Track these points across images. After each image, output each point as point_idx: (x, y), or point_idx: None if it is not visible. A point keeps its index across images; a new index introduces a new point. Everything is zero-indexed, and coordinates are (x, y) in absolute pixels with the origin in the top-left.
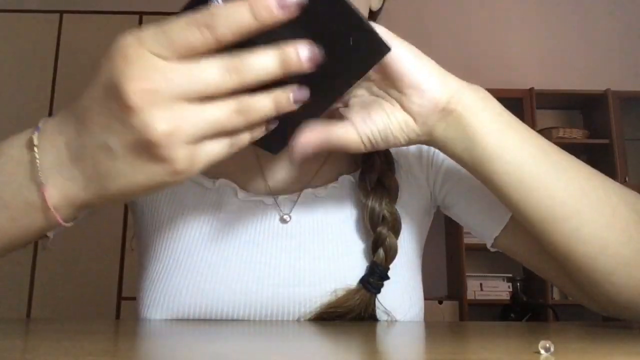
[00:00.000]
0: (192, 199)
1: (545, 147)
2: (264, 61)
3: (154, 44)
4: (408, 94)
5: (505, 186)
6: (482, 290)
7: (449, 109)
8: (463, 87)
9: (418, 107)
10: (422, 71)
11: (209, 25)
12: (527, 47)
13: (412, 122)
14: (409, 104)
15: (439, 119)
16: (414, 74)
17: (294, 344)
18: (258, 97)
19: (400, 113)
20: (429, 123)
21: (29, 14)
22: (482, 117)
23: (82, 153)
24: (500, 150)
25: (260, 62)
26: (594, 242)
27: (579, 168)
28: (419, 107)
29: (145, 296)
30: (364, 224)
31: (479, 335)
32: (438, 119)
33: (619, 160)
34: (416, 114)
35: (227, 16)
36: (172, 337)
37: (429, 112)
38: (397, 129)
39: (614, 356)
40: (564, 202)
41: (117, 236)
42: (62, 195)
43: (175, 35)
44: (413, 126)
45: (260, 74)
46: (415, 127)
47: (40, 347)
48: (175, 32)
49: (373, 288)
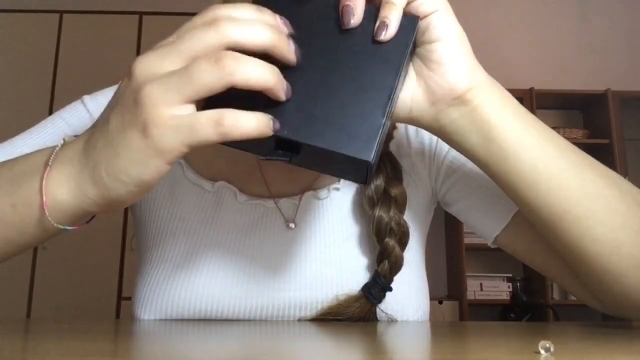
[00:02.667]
0: (191, 201)
1: (562, 146)
2: (253, 27)
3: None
4: (431, 68)
5: (519, 185)
6: (482, 290)
7: (465, 98)
8: (487, 82)
9: (435, 84)
10: (456, 52)
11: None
12: (527, 47)
13: (422, 98)
14: (427, 79)
15: (451, 105)
16: (447, 52)
17: (294, 344)
18: (244, 113)
19: (413, 83)
20: (438, 106)
21: (29, 14)
22: (502, 114)
23: (91, 135)
24: (518, 148)
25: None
26: (607, 242)
27: (595, 167)
28: (435, 84)
29: (141, 297)
30: (369, 233)
31: (479, 335)
32: (450, 105)
33: (619, 160)
34: (430, 92)
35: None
36: (172, 337)
37: (443, 95)
38: (404, 98)
39: (614, 356)
40: (579, 202)
41: (117, 236)
42: (63, 180)
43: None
44: (421, 102)
45: (245, 36)
46: (423, 104)
47: (40, 347)
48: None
49: (374, 298)
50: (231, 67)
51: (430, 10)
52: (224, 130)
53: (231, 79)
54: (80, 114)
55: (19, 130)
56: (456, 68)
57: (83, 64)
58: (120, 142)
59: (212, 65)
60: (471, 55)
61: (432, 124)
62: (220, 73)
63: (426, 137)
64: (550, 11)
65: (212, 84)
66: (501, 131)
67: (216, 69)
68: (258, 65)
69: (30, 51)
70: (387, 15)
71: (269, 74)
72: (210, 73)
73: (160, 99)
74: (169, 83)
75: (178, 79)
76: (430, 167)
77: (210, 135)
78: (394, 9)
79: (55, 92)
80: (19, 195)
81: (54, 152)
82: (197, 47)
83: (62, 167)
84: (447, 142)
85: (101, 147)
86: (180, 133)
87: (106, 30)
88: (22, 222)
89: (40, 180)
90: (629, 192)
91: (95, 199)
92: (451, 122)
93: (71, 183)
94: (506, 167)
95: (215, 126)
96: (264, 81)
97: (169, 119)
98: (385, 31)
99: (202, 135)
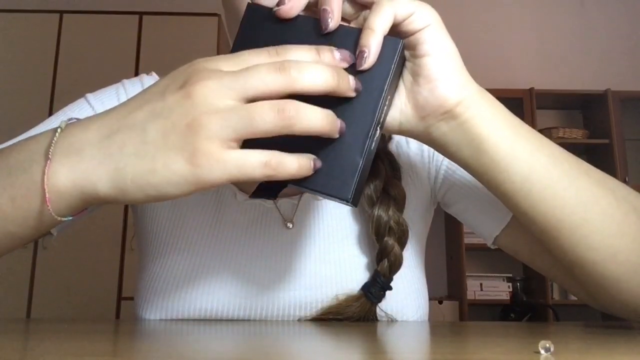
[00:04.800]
0: (191, 201)
1: (555, 154)
2: (316, 71)
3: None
4: (420, 84)
5: (512, 195)
6: (482, 290)
7: (454, 113)
8: (476, 95)
9: (423, 99)
10: (446, 67)
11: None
12: (527, 47)
13: (411, 113)
14: (416, 94)
15: (440, 120)
16: (437, 67)
17: (294, 344)
18: (287, 156)
19: (402, 98)
20: (428, 120)
21: (29, 14)
22: (493, 127)
23: (113, 133)
24: (510, 159)
25: (311, 71)
26: (603, 249)
27: (590, 174)
28: (424, 100)
29: (142, 297)
30: (369, 232)
31: (479, 335)
32: (439, 120)
33: (619, 160)
34: (419, 107)
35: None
36: (172, 337)
37: (432, 110)
38: (393, 113)
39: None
40: (574, 210)
41: (117, 236)
42: (67, 172)
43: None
44: (410, 117)
45: (309, 81)
46: (412, 118)
47: (40, 347)
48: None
49: (374, 297)
50: (293, 119)
51: (422, 26)
52: (270, 172)
53: (290, 129)
54: (84, 110)
55: (18, 130)
56: (445, 83)
57: (83, 64)
58: (160, 160)
59: (276, 114)
60: (462, 69)
61: (422, 136)
62: (283, 123)
63: None
64: (551, 11)
65: (271, 131)
66: (492, 144)
67: (279, 119)
68: (317, 114)
69: (30, 51)
70: (365, 44)
71: (325, 121)
72: (272, 121)
73: (217, 133)
74: (229, 120)
75: (238, 118)
76: (429, 168)
77: (256, 174)
78: (372, 36)
79: (55, 92)
80: (18, 188)
81: (53, 140)
82: (262, 89)
83: (66, 158)
84: (440, 153)
85: (131, 154)
86: (228, 170)
87: (106, 30)
88: (22, 215)
89: (41, 173)
90: (625, 198)
91: (106, 197)
92: (441, 136)
93: (77, 175)
94: (499, 178)
95: (262, 167)
96: (321, 127)
97: (220, 153)
98: (364, 61)
99: (249, 174)
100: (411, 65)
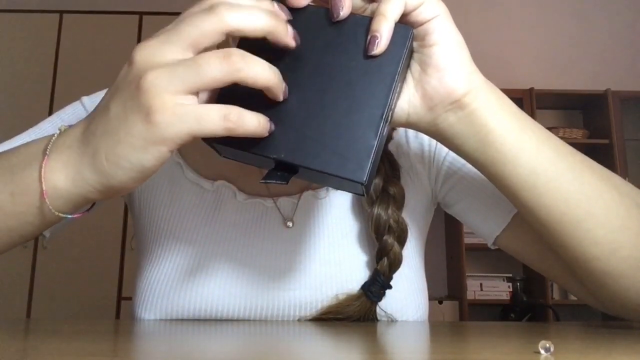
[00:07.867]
0: (190, 200)
1: (560, 149)
2: (251, 11)
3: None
4: (428, 73)
5: (517, 188)
6: (482, 290)
7: (462, 103)
8: (484, 86)
9: (432, 89)
10: (454, 57)
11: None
12: (527, 47)
13: (419, 104)
14: (425, 84)
15: (448, 110)
16: (445, 56)
17: (294, 344)
18: (248, 112)
19: (411, 88)
20: (436, 111)
21: (29, 14)
22: (499, 118)
23: (90, 123)
24: (516, 151)
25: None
26: (606, 244)
27: (594, 169)
28: (432, 89)
29: (141, 298)
30: (368, 231)
31: (479, 335)
32: (447, 110)
33: (619, 160)
34: (427, 97)
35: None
36: (172, 337)
37: (440, 100)
38: (402, 104)
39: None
40: (578, 204)
41: (117, 236)
42: (61, 167)
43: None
44: (418, 107)
45: (245, 22)
46: (420, 109)
47: (40, 347)
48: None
49: (374, 296)
50: (239, 64)
51: (431, 16)
52: (230, 125)
53: (238, 75)
54: (78, 113)
55: (19, 130)
56: (453, 73)
57: (83, 64)
58: (122, 129)
59: (221, 60)
60: (469, 60)
61: (429, 128)
62: (229, 69)
63: (425, 139)
64: (550, 11)
65: (219, 78)
66: (498, 135)
67: (225, 64)
68: (264, 65)
69: (30, 51)
70: (377, 29)
71: (272, 74)
72: (218, 67)
73: (165, 86)
74: (175, 72)
75: (185, 69)
76: (429, 168)
77: (216, 127)
78: (384, 22)
79: (55, 92)
80: (17, 184)
81: (51, 141)
82: (197, 33)
83: (60, 154)
84: (446, 146)
85: (101, 134)
86: (186, 122)
87: (106, 30)
88: (22, 211)
89: (39, 169)
90: (628, 194)
91: (96, 186)
92: (449, 127)
93: (70, 170)
94: (504, 170)
95: (222, 119)
96: (268, 80)
97: (174, 107)
98: (376, 46)
99: (209, 127)
100: (419, 56)
